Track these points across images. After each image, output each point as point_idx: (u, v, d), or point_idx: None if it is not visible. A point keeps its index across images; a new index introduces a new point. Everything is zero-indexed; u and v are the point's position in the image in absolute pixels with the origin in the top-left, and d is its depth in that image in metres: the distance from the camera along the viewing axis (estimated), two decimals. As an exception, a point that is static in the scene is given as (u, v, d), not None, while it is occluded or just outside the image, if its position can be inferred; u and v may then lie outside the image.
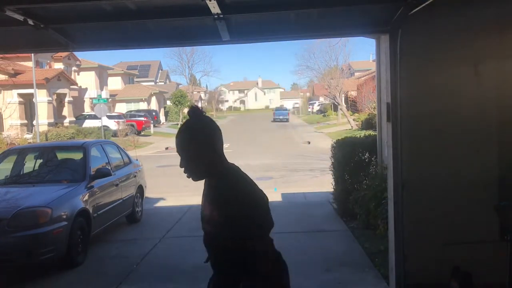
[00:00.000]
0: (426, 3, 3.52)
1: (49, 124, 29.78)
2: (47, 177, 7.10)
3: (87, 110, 39.55)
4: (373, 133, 9.89)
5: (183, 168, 2.00)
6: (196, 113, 1.98)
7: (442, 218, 4.34)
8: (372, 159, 7.98)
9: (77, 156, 7.57)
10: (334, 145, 8.98)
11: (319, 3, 3.69)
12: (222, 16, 3.66)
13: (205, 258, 2.10)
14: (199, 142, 1.95)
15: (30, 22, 3.61)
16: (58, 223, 5.85)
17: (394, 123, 4.29)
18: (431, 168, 4.27)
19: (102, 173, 7.23)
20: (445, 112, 4.23)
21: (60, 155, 7.98)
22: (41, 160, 7.68)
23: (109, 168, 7.67)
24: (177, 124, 46.86)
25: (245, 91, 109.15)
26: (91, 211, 6.66)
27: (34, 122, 27.78)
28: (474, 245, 4.27)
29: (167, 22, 4.05)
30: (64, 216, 6.00)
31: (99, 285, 5.63)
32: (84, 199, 6.57)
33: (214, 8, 3.41)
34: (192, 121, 1.98)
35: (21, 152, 7.97)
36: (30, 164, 7.74)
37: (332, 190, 9.04)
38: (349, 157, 8.10)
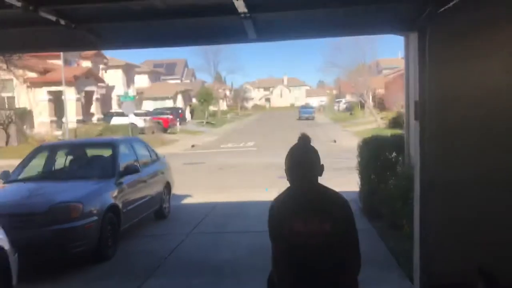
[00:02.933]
0: (454, 1, 3.49)
1: (78, 121, 30.45)
2: (77, 173, 7.31)
3: (115, 107, 40.23)
4: (400, 132, 9.78)
5: (309, 176, 2.39)
6: (308, 139, 2.50)
7: (468, 219, 4.29)
8: (399, 158, 7.91)
9: (107, 153, 7.75)
10: (361, 144, 8.93)
11: (346, 2, 3.69)
12: (248, 15, 3.70)
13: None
14: (319, 156, 2.47)
15: (62, 22, 3.74)
16: (89, 218, 6.02)
17: (422, 121, 4.26)
18: (459, 168, 4.22)
19: (131, 169, 7.39)
20: (474, 111, 4.17)
21: (90, 152, 8.18)
22: (72, 157, 7.90)
23: (137, 165, 7.82)
24: (202, 122, 47.20)
25: (270, 89, 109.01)
26: (120, 206, 6.82)
27: (64, 119, 28.44)
28: (500, 246, 4.21)
29: (194, 21, 4.12)
30: (95, 211, 6.16)
31: (128, 278, 5.76)
32: (113, 195, 6.74)
33: (241, 7, 3.46)
34: (309, 144, 2.49)
35: (52, 149, 8.21)
36: (61, 161, 7.96)
37: (358, 189, 8.99)
38: (376, 156, 8.04)
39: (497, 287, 4.14)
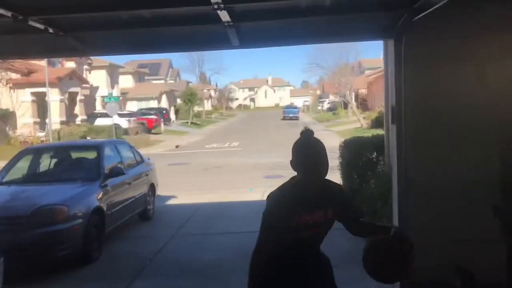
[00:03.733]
0: (428, 11, 3.66)
1: (62, 123, 30.18)
2: (62, 176, 7.33)
3: (99, 108, 39.91)
4: (381, 133, 9.98)
5: (322, 169, 2.45)
6: (311, 132, 2.52)
7: (445, 217, 4.45)
8: (380, 158, 8.10)
9: (91, 155, 7.80)
10: (342, 144, 9.11)
11: (324, 12, 3.84)
12: (232, 23, 3.82)
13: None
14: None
15: (50, 30, 3.82)
16: (75, 220, 6.07)
17: (399, 125, 4.43)
18: (434, 168, 4.39)
19: (116, 172, 7.45)
20: (448, 115, 4.35)
21: (75, 155, 8.21)
22: (57, 159, 7.92)
23: (122, 167, 7.87)
24: (187, 122, 47.13)
25: (255, 89, 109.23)
26: (105, 209, 6.87)
27: (47, 121, 28.19)
28: (476, 244, 4.38)
29: (179, 29, 4.22)
30: (80, 214, 6.22)
31: (114, 280, 5.83)
32: (98, 197, 6.79)
33: (225, 16, 3.58)
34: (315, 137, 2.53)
35: (37, 152, 8.22)
36: (46, 163, 7.98)
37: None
38: (357, 157, 8.23)
39: (473, 283, 4.32)
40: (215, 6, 3.28)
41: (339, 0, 3.73)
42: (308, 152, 2.43)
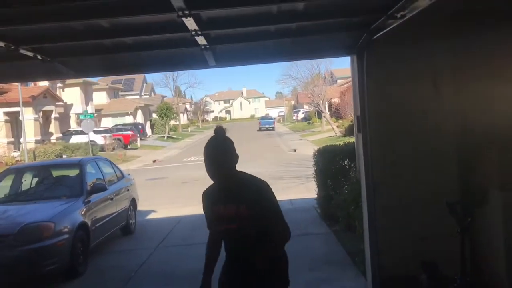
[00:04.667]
0: (384, 31, 4.08)
1: (37, 141, 29.92)
2: (46, 193, 7.52)
3: (73, 125, 39.65)
4: (353, 141, 10.43)
5: (223, 164, 2.71)
6: (223, 131, 2.81)
7: (410, 216, 4.85)
8: (352, 165, 8.51)
9: (74, 172, 8.00)
10: (316, 153, 9.52)
11: (292, 34, 4.23)
12: (208, 46, 4.18)
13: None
14: (233, 147, 2.79)
15: (39, 57, 4.11)
16: (61, 236, 6.28)
17: (364, 133, 4.83)
18: (398, 172, 4.80)
19: (98, 188, 7.67)
20: (409, 124, 4.77)
21: (57, 173, 8.39)
22: (40, 178, 8.10)
23: (104, 183, 8.09)
24: (163, 136, 47.11)
25: (230, 101, 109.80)
26: (89, 224, 7.09)
27: (22, 140, 27.93)
28: (439, 239, 4.78)
29: (159, 52, 4.56)
30: (66, 230, 6.43)
31: (101, 292, 6.05)
32: (82, 213, 7.01)
33: (202, 41, 3.93)
34: (224, 135, 2.80)
35: (19, 171, 8.38)
36: (29, 182, 8.14)
37: (316, 196, 9.55)
38: (330, 164, 8.62)
39: (437, 276, 4.71)
40: (193, 33, 3.63)
41: (305, 24, 4.12)
42: (207, 153, 2.73)
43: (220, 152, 2.72)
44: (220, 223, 2.80)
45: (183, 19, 3.20)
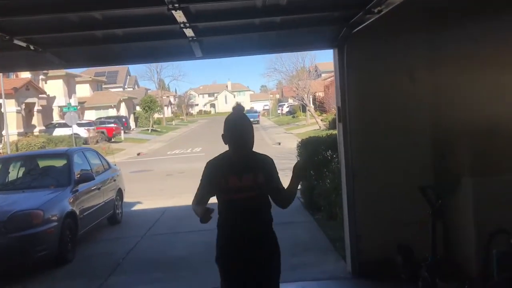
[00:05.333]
0: (363, 25, 4.30)
1: (19, 134, 29.68)
2: (34, 183, 7.63)
3: (56, 118, 39.34)
4: (335, 133, 10.71)
5: (247, 139, 3.00)
6: (242, 108, 3.14)
7: (387, 202, 5.11)
8: (334, 156, 8.77)
9: (61, 162, 8.11)
10: (300, 144, 9.77)
11: (276, 27, 4.44)
12: (195, 38, 4.36)
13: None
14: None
15: (31, 47, 4.24)
16: (50, 223, 6.42)
17: (344, 123, 5.07)
18: (376, 160, 5.05)
19: (86, 177, 7.79)
20: (386, 114, 5.03)
21: (45, 162, 8.49)
22: (27, 168, 8.18)
23: (91, 173, 8.21)
24: (147, 129, 46.97)
25: (215, 95, 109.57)
26: (77, 212, 7.23)
27: (3, 132, 27.66)
28: (414, 224, 5.04)
29: (149, 44, 4.72)
30: (55, 218, 6.57)
31: (90, 277, 6.20)
32: (71, 202, 7.14)
33: (190, 33, 4.11)
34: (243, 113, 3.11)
35: (6, 161, 8.46)
36: (17, 171, 8.22)
37: (299, 186, 9.80)
38: (313, 155, 8.87)
39: (412, 259, 4.97)
40: (182, 25, 3.81)
41: (289, 17, 4.32)
42: (236, 125, 2.99)
43: (249, 125, 3.01)
44: (239, 192, 2.99)
45: (173, 12, 3.38)
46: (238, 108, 3.08)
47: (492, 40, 4.36)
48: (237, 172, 3.00)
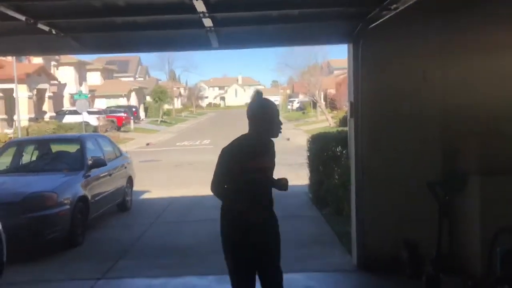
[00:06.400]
0: (379, 21, 4.36)
1: (30, 119, 29.95)
2: (48, 166, 7.77)
3: (67, 105, 39.62)
4: (346, 129, 10.75)
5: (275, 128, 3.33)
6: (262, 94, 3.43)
7: (395, 199, 5.17)
8: (343, 152, 8.83)
9: (74, 148, 8.25)
10: (310, 139, 9.83)
11: (293, 20, 4.51)
12: (213, 28, 4.44)
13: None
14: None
15: (53, 31, 4.35)
16: (62, 206, 6.56)
17: (356, 119, 5.13)
18: (386, 157, 5.11)
19: (98, 163, 7.92)
20: (398, 110, 5.08)
21: (58, 147, 8.63)
22: (42, 152, 8.33)
23: (104, 159, 8.34)
24: (157, 120, 47.17)
25: (225, 88, 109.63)
26: (89, 197, 7.36)
27: (15, 117, 27.95)
28: (421, 221, 5.10)
29: (167, 32, 4.81)
30: (67, 201, 6.70)
31: (100, 260, 6.32)
32: (83, 186, 7.28)
33: (208, 23, 4.19)
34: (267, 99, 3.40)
35: (20, 144, 8.61)
36: (32, 155, 8.37)
37: (308, 181, 9.88)
38: (323, 150, 8.94)
39: (417, 255, 5.03)
40: (201, 15, 3.89)
41: (306, 11, 4.39)
42: (267, 109, 3.26)
43: (277, 110, 3.31)
44: (254, 173, 3.26)
45: (194, 1, 3.45)
46: (260, 94, 3.35)
47: (506, 37, 4.40)
48: (258, 155, 3.27)
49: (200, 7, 3.67)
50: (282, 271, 3.47)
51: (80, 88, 41.01)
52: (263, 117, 3.23)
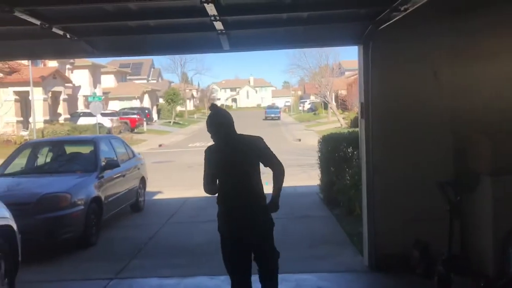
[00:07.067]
0: (389, 23, 4.37)
1: (45, 121, 30.34)
2: (62, 168, 7.90)
3: (81, 107, 40.06)
4: (357, 130, 10.74)
5: (224, 130, 3.71)
6: (217, 106, 3.83)
7: (406, 199, 5.18)
8: (355, 152, 8.83)
9: (88, 149, 8.36)
10: (321, 140, 9.84)
11: (303, 22, 4.55)
12: (224, 31, 4.50)
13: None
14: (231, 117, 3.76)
15: (68, 35, 4.44)
16: (76, 207, 6.67)
17: (367, 119, 5.15)
18: (397, 157, 5.12)
19: (111, 164, 8.03)
20: (408, 110, 5.09)
21: (72, 149, 8.76)
22: (56, 153, 8.46)
23: (117, 160, 8.44)
24: (170, 122, 47.46)
25: (237, 89, 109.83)
26: (102, 198, 7.46)
27: (30, 119, 28.35)
28: (431, 221, 5.10)
29: (178, 35, 4.88)
30: (81, 202, 6.81)
31: (113, 260, 6.41)
32: (96, 187, 7.38)
33: (219, 26, 4.25)
34: (220, 109, 3.83)
35: (35, 146, 8.76)
36: (47, 156, 8.50)
37: (319, 181, 9.89)
38: (334, 151, 8.94)
39: (428, 254, 5.02)
40: (212, 18, 3.95)
41: (315, 13, 4.43)
42: (213, 122, 3.67)
43: (223, 117, 3.73)
44: (233, 169, 3.65)
45: (205, 4, 3.51)
46: (213, 106, 3.78)
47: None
48: (227, 154, 3.63)
49: (211, 10, 3.72)
50: (276, 258, 3.80)
51: (94, 90, 41.42)
52: (224, 122, 3.65)
